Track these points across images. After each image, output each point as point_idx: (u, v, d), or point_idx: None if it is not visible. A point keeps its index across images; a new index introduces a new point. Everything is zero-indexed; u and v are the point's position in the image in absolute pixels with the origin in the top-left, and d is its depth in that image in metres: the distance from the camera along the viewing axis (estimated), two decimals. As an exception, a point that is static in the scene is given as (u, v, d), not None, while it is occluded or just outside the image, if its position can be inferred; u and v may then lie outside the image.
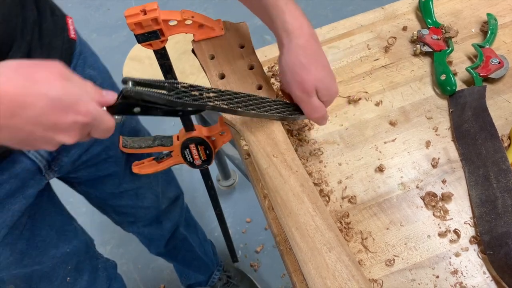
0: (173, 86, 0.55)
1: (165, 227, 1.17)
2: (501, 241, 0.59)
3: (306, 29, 0.61)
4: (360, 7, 2.40)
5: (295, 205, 0.58)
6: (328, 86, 0.63)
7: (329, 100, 0.65)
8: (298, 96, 0.63)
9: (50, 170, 0.80)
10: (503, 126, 0.72)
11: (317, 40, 0.63)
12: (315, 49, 0.62)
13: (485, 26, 0.85)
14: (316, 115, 0.65)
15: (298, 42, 0.60)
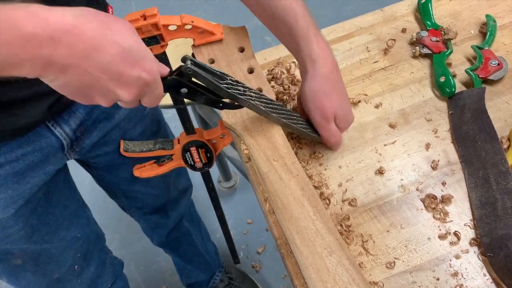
0: (223, 76, 0.56)
1: (171, 216, 1.20)
2: (501, 243, 0.59)
3: (330, 60, 0.66)
4: (360, 6, 2.41)
5: (295, 209, 0.58)
6: (346, 113, 0.68)
7: (346, 127, 0.70)
8: (318, 122, 0.68)
9: (72, 149, 0.83)
10: (502, 127, 0.72)
11: (339, 71, 0.68)
12: (337, 79, 0.67)
13: (484, 28, 0.85)
14: (332, 140, 0.69)
15: (322, 71, 0.65)
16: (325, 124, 0.67)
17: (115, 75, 0.45)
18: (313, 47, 0.65)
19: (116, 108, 0.86)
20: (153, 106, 0.53)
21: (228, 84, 0.57)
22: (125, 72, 0.45)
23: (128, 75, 0.46)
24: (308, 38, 0.65)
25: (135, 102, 0.51)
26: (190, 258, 1.37)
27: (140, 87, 0.48)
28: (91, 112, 0.82)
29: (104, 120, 0.85)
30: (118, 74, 0.45)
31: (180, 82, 0.54)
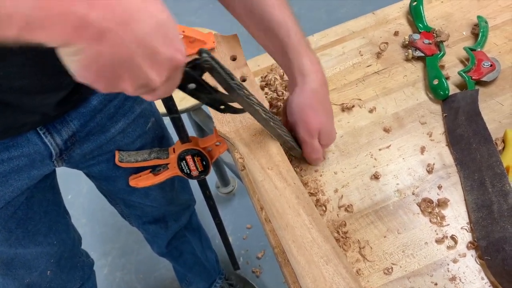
0: (233, 76, 0.53)
1: (171, 228, 1.19)
2: (498, 246, 0.59)
3: (320, 75, 0.66)
4: (354, 8, 2.41)
5: (291, 218, 0.58)
6: (329, 131, 0.68)
7: (328, 144, 0.71)
8: (302, 136, 0.67)
9: (61, 158, 0.82)
10: (496, 129, 0.72)
11: (327, 88, 0.67)
12: (325, 95, 0.67)
13: (476, 29, 0.86)
14: (314, 156, 0.70)
15: (312, 86, 0.64)
16: (309, 139, 0.67)
17: (149, 51, 0.41)
18: (304, 61, 0.65)
19: (113, 122, 0.85)
20: (163, 97, 0.49)
21: (238, 85, 0.55)
22: (160, 50, 0.41)
23: (162, 53, 0.42)
24: (300, 52, 0.65)
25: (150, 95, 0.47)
26: (190, 266, 1.36)
27: (170, 70, 0.44)
28: (85, 124, 0.81)
29: (98, 133, 0.84)
30: (152, 50, 0.41)
31: (191, 76, 0.50)
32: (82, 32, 0.36)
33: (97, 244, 1.79)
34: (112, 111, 0.83)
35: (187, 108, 1.29)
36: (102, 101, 0.81)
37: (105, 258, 1.77)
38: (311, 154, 0.69)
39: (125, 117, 0.86)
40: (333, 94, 0.82)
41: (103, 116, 0.82)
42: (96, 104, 0.80)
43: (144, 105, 0.91)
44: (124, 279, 1.71)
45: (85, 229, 1.83)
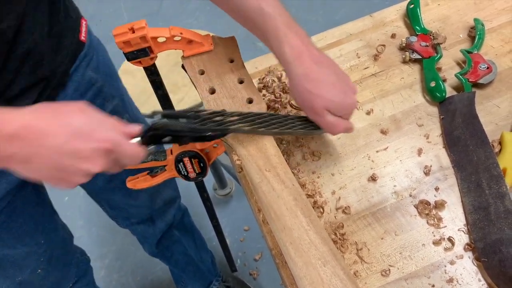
0: (196, 115, 0.59)
1: (158, 226, 1.19)
2: (494, 248, 0.59)
3: (306, 56, 0.62)
4: (351, 11, 2.42)
5: (288, 220, 0.58)
6: (339, 103, 0.63)
7: (347, 113, 0.66)
8: (313, 118, 0.66)
9: None
10: (493, 131, 0.72)
11: (320, 62, 0.63)
12: (318, 73, 0.62)
13: (473, 31, 0.86)
14: (336, 130, 0.66)
15: (298, 71, 0.62)
16: (319, 119, 0.64)
17: (73, 153, 0.49)
18: (285, 48, 0.62)
19: None
20: (135, 165, 0.58)
21: (204, 119, 0.59)
22: (80, 148, 0.49)
23: (84, 149, 0.50)
24: (279, 39, 0.62)
25: (113, 168, 0.55)
26: (183, 267, 1.36)
27: (102, 156, 0.51)
28: None
29: None
30: (74, 151, 0.49)
31: (159, 134, 0.57)
32: (11, 162, 0.48)
33: (94, 247, 1.79)
34: None
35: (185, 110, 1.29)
36: (70, 100, 0.81)
37: (102, 260, 1.76)
38: (332, 130, 0.66)
39: None
40: (331, 96, 0.82)
41: None
42: None
43: (116, 101, 0.92)
44: (120, 281, 1.71)
45: (81, 231, 1.82)
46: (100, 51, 0.88)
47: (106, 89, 0.88)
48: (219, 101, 0.70)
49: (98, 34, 0.90)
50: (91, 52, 0.83)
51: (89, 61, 0.82)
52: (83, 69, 0.81)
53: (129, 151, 0.54)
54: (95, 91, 0.85)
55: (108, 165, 0.53)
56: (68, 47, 0.76)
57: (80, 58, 0.80)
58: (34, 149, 0.48)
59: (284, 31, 0.62)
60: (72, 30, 0.77)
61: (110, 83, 0.90)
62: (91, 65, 0.83)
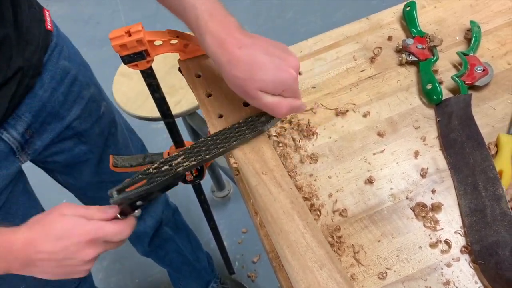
0: (145, 173, 0.62)
1: (148, 223, 1.20)
2: (491, 250, 0.59)
3: (228, 44, 0.59)
4: (348, 13, 2.43)
5: (285, 223, 0.58)
6: (272, 80, 0.59)
7: (286, 90, 0.61)
8: (253, 104, 0.63)
9: (24, 152, 0.84)
10: (489, 133, 0.73)
11: (244, 45, 0.59)
12: (242, 57, 0.59)
13: (469, 34, 0.86)
14: (279, 111, 0.62)
15: (223, 60, 0.60)
16: (257, 102, 0.61)
17: (63, 252, 0.58)
18: (206, 39, 0.60)
19: (66, 110, 0.88)
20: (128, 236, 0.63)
21: (152, 176, 0.62)
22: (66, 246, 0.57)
23: (70, 246, 0.58)
24: (200, 30, 0.60)
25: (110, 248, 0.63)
26: (179, 266, 1.36)
27: (90, 245, 0.59)
28: (37, 114, 0.83)
29: (54, 122, 0.87)
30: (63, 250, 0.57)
31: (128, 204, 0.62)
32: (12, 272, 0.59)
33: (92, 249, 1.78)
34: (62, 99, 0.86)
35: (182, 112, 1.29)
36: (48, 89, 0.83)
37: (100, 263, 1.76)
38: (276, 111, 0.62)
39: (77, 102, 0.90)
40: (328, 98, 0.82)
41: (54, 105, 0.85)
42: (43, 94, 0.82)
43: (92, 89, 0.94)
44: (119, 284, 1.71)
45: (79, 233, 1.82)
46: (69, 43, 0.91)
47: (81, 78, 0.91)
48: (215, 103, 0.70)
49: (96, 36, 0.91)
50: (61, 43, 0.87)
51: (60, 50, 0.86)
52: (56, 58, 0.84)
53: (112, 231, 0.60)
54: (71, 79, 0.87)
55: (100, 249, 0.60)
56: (37, 37, 0.79)
57: (51, 48, 0.83)
58: (33, 255, 0.57)
59: (205, 20, 0.60)
60: (37, 20, 0.80)
61: (84, 72, 0.93)
62: (63, 54, 0.86)
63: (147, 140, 2.14)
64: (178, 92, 1.31)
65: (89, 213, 0.60)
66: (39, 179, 1.06)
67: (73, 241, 0.57)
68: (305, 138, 0.77)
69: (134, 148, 1.13)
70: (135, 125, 1.81)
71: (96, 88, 0.97)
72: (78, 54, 0.94)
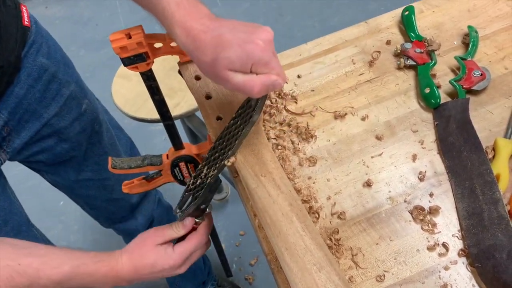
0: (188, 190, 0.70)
1: (139, 221, 1.21)
2: (488, 253, 0.60)
3: (194, 31, 0.57)
4: (346, 17, 2.44)
5: (284, 225, 0.58)
6: (238, 56, 0.55)
7: (257, 66, 0.56)
8: (225, 86, 0.59)
9: (2, 150, 0.83)
10: (487, 137, 0.73)
11: (208, 28, 0.57)
12: (206, 40, 0.56)
13: (467, 39, 0.87)
14: (252, 90, 0.57)
15: (190, 50, 0.58)
16: (230, 84, 0.57)
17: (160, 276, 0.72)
18: (175, 30, 0.58)
19: (43, 107, 0.88)
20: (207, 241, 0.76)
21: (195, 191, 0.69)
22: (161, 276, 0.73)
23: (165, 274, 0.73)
24: (168, 21, 0.58)
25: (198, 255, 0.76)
26: None
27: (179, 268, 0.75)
28: (13, 112, 0.82)
29: (32, 119, 0.86)
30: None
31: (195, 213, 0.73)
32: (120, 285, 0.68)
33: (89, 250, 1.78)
34: (39, 96, 0.86)
35: (181, 114, 1.29)
36: (24, 86, 0.83)
37: (97, 265, 1.75)
38: (249, 90, 0.57)
39: (55, 100, 0.89)
40: (326, 101, 0.82)
41: (31, 102, 0.84)
42: (18, 91, 0.82)
43: (73, 87, 0.94)
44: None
45: (77, 235, 1.81)
46: (50, 40, 0.90)
47: (61, 75, 0.90)
48: (215, 106, 0.70)
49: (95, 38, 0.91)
50: (40, 40, 0.86)
51: (38, 47, 0.85)
52: (34, 55, 0.83)
53: (193, 245, 0.73)
54: (48, 76, 0.87)
55: (191, 261, 0.75)
56: (14, 34, 0.78)
57: (29, 44, 0.82)
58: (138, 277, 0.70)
59: (171, 11, 0.58)
60: (14, 17, 0.80)
61: (64, 70, 0.92)
62: (42, 52, 0.85)
63: (145, 142, 2.14)
64: (177, 94, 1.31)
65: (175, 233, 0.72)
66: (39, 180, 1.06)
67: (165, 267, 0.70)
68: (304, 141, 0.77)
69: (122, 146, 1.13)
70: (134, 127, 1.81)
71: (78, 86, 0.96)
72: (60, 51, 0.93)
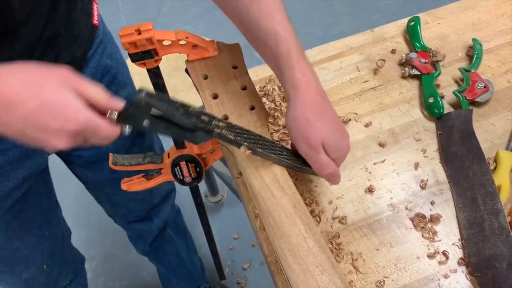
0: (184, 108, 0.56)
1: (155, 223, 1.20)
2: (488, 263, 0.60)
3: (313, 86, 0.61)
4: (348, 26, 2.45)
5: (287, 227, 0.58)
6: (336, 142, 0.61)
7: (339, 156, 0.63)
8: (305, 152, 0.62)
9: None
10: (489, 149, 0.74)
11: (325, 97, 0.62)
12: (322, 105, 0.61)
13: (471, 51, 0.88)
14: (325, 171, 0.62)
15: (304, 98, 0.60)
16: (313, 154, 0.61)
17: (38, 127, 0.48)
18: (294, 73, 0.60)
19: None
20: (106, 144, 0.54)
21: (190, 114, 0.57)
22: (47, 124, 0.48)
23: (50, 126, 0.48)
24: (289, 63, 0.61)
25: (81, 144, 0.53)
26: (174, 268, 1.36)
27: (69, 137, 0.49)
28: None
29: None
30: (40, 125, 0.48)
31: (140, 114, 0.55)
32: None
33: (82, 249, 1.74)
34: None
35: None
36: None
37: (89, 263, 1.73)
38: (322, 170, 0.62)
39: None
40: (330, 107, 0.83)
41: None
42: None
43: (128, 90, 0.93)
44: (107, 285, 1.69)
45: (69, 233, 1.80)
46: (112, 40, 0.89)
47: (120, 77, 0.90)
48: (221, 106, 0.70)
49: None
50: (105, 40, 0.85)
51: (104, 47, 0.84)
52: (99, 55, 0.82)
53: (101, 133, 0.52)
54: (110, 78, 0.86)
55: (75, 143, 0.51)
56: (84, 32, 0.76)
57: (96, 44, 0.81)
58: (2, 116, 0.47)
59: (297, 56, 0.61)
60: (85, 14, 0.77)
61: (122, 71, 0.92)
62: (106, 52, 0.84)
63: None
64: (179, 95, 1.31)
65: (93, 97, 0.51)
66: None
67: (58, 123, 0.48)
68: (307, 145, 0.78)
69: (158, 149, 1.13)
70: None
71: (132, 89, 0.95)
72: (119, 52, 0.92)
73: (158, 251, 1.28)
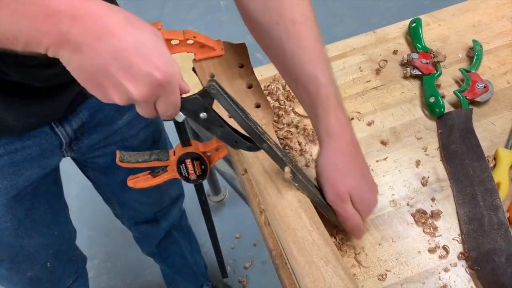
0: (244, 112, 0.56)
1: (162, 226, 1.21)
2: (487, 257, 0.62)
3: (348, 135, 0.62)
4: (348, 28, 2.47)
5: (292, 220, 0.60)
6: (364, 195, 0.62)
7: (365, 210, 0.63)
8: (331, 199, 0.62)
9: (70, 148, 0.86)
10: (488, 147, 0.76)
11: (358, 149, 0.63)
12: (355, 156, 0.62)
13: (471, 52, 0.90)
14: (349, 223, 0.62)
15: (337, 146, 0.60)
16: (339, 203, 0.61)
17: (125, 64, 0.44)
18: (331, 119, 0.60)
19: (120, 115, 0.89)
20: (168, 116, 0.51)
21: (250, 120, 0.56)
22: (135, 63, 0.44)
23: (137, 67, 0.44)
24: (327, 110, 0.61)
25: (149, 105, 0.49)
26: (179, 268, 1.37)
27: (150, 86, 0.46)
28: (94, 115, 0.84)
29: (106, 124, 0.88)
30: (128, 63, 0.44)
31: (201, 104, 0.53)
32: (64, 45, 0.43)
33: (84, 247, 1.75)
34: None
35: (185, 114, 1.31)
36: None
37: (91, 261, 1.75)
38: (346, 221, 0.62)
39: (131, 109, 0.90)
40: (333, 106, 0.85)
41: (111, 108, 0.86)
42: None
43: None
44: (109, 283, 1.70)
45: (72, 231, 1.82)
46: None
47: None
48: (228, 104, 0.72)
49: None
50: None
51: None
52: None
53: (175, 95, 0.49)
54: None
55: (147, 97, 0.47)
56: None
57: None
58: (90, 40, 0.43)
59: (335, 103, 0.61)
60: None
61: None
62: None
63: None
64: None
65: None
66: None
67: (147, 67, 0.45)
68: (311, 143, 0.79)
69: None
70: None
71: None
72: None
73: (163, 252, 1.30)
